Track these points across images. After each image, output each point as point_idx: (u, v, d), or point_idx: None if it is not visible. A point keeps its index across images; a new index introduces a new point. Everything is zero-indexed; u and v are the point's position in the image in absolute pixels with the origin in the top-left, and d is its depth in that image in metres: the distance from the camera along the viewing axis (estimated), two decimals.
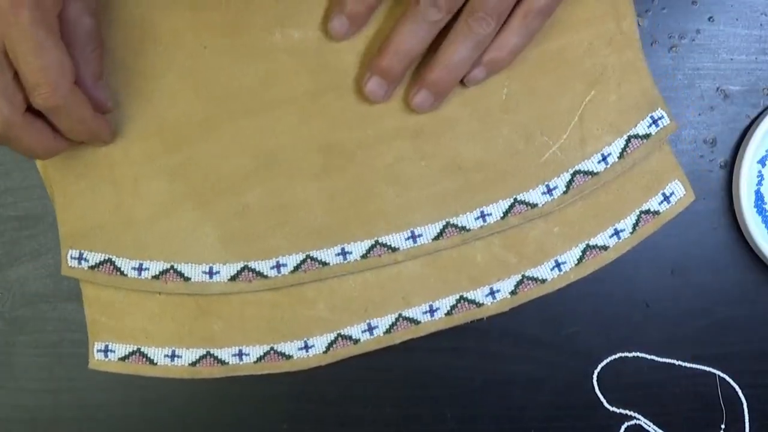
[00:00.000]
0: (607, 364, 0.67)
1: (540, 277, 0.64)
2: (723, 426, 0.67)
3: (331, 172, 0.62)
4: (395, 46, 0.59)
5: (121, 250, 0.62)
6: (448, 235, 0.63)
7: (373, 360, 0.65)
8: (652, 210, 0.64)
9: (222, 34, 0.62)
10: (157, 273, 0.62)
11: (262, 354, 0.64)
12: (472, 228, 0.63)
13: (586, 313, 0.67)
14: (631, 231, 0.64)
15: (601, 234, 0.64)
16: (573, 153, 0.63)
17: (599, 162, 0.63)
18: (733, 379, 0.67)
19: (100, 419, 0.66)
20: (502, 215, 0.63)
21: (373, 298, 0.64)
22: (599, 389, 0.67)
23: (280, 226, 0.62)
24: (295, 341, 0.64)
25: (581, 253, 0.64)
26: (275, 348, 0.64)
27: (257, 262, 0.62)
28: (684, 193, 0.64)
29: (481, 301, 0.64)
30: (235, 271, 0.62)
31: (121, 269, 0.62)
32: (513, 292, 0.64)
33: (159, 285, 0.62)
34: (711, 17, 0.66)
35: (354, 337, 0.64)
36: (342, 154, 0.62)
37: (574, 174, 0.63)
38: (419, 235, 0.63)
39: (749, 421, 0.67)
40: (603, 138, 0.63)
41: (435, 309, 0.64)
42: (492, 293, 0.64)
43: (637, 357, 0.67)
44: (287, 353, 0.64)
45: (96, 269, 0.62)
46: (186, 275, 0.62)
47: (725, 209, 0.67)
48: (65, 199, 0.62)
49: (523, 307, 0.64)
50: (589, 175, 0.63)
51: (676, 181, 0.64)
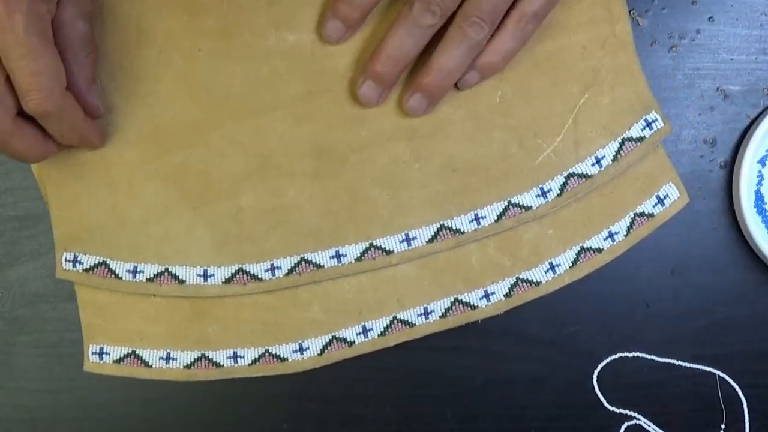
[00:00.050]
0: (607, 364, 0.67)
1: (534, 280, 0.64)
2: (723, 426, 0.67)
3: (325, 175, 0.62)
4: (388, 51, 0.59)
5: (116, 252, 0.62)
6: (443, 237, 0.63)
7: (374, 359, 0.65)
8: (647, 212, 0.64)
9: (217, 37, 0.62)
10: (151, 275, 0.62)
11: (257, 356, 0.64)
12: (467, 230, 0.63)
13: (587, 313, 0.67)
14: (625, 233, 0.64)
15: (596, 236, 0.64)
16: (567, 156, 0.63)
17: (593, 165, 0.63)
18: (733, 379, 0.67)
19: (100, 419, 0.66)
20: (497, 218, 0.63)
21: (368, 301, 0.64)
22: (599, 389, 0.67)
23: (274, 228, 0.62)
24: (289, 344, 0.64)
25: (575, 256, 0.64)
26: (270, 350, 0.64)
27: (252, 265, 0.62)
28: (678, 195, 0.64)
29: (475, 304, 0.64)
30: (230, 274, 0.62)
31: (116, 272, 0.62)
32: (507, 295, 0.64)
33: (154, 287, 0.62)
34: (711, 17, 0.66)
35: (349, 339, 0.64)
36: (336, 156, 0.62)
37: (568, 177, 0.63)
38: (413, 238, 0.63)
39: (749, 421, 0.67)
40: (597, 141, 0.63)
41: (430, 311, 0.64)
42: (486, 296, 0.64)
43: (637, 357, 0.67)
44: (282, 356, 0.64)
45: (91, 272, 0.62)
46: (180, 278, 0.62)
47: (725, 209, 0.67)
48: (60, 202, 0.62)
49: (524, 307, 0.64)
50: (583, 178, 0.63)
51: (670, 183, 0.64)
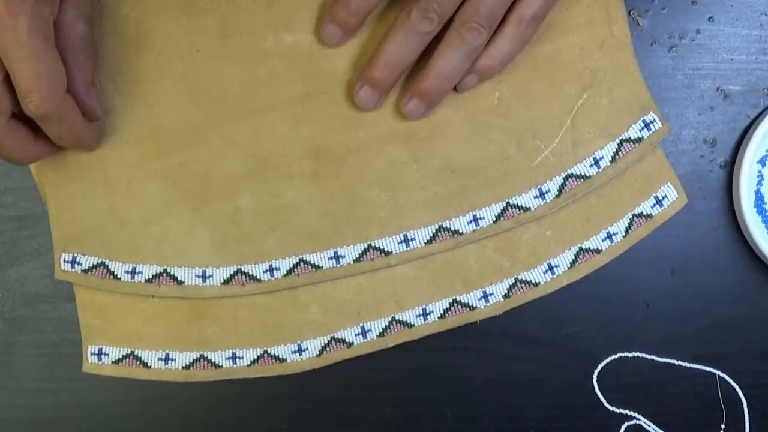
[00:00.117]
0: (607, 364, 0.67)
1: (533, 281, 0.64)
2: (723, 426, 0.67)
3: (323, 176, 0.62)
4: (386, 57, 0.59)
5: (115, 253, 0.62)
6: (441, 238, 0.63)
7: (372, 360, 0.65)
8: (645, 213, 0.64)
9: (215, 38, 0.62)
10: (150, 276, 0.62)
11: (256, 357, 0.64)
12: (465, 232, 0.63)
13: (587, 313, 0.67)
14: (623, 234, 0.64)
15: (594, 237, 0.64)
16: (565, 157, 0.63)
17: (591, 166, 0.63)
18: (733, 379, 0.67)
19: (100, 419, 0.66)
20: (495, 219, 0.63)
21: (367, 302, 0.64)
22: (599, 389, 0.67)
23: (272, 229, 0.62)
24: (288, 344, 0.64)
25: (574, 257, 0.64)
26: (269, 351, 0.64)
27: (250, 266, 0.62)
28: (677, 196, 0.64)
29: (474, 305, 0.64)
30: (228, 275, 0.62)
31: (115, 273, 0.62)
32: (506, 296, 0.64)
33: (152, 288, 0.62)
34: (711, 17, 0.66)
35: (347, 340, 0.64)
36: (334, 157, 0.62)
37: (567, 178, 0.63)
38: (412, 239, 0.63)
39: (749, 421, 0.67)
40: (595, 142, 0.63)
41: (428, 312, 0.64)
42: (485, 296, 0.64)
43: (637, 357, 0.67)
44: (281, 356, 0.64)
45: (89, 273, 0.62)
46: (179, 279, 0.62)
47: (725, 209, 0.66)
48: (58, 202, 0.62)
49: (524, 308, 0.64)
50: (582, 179, 0.63)
51: (669, 184, 0.64)
